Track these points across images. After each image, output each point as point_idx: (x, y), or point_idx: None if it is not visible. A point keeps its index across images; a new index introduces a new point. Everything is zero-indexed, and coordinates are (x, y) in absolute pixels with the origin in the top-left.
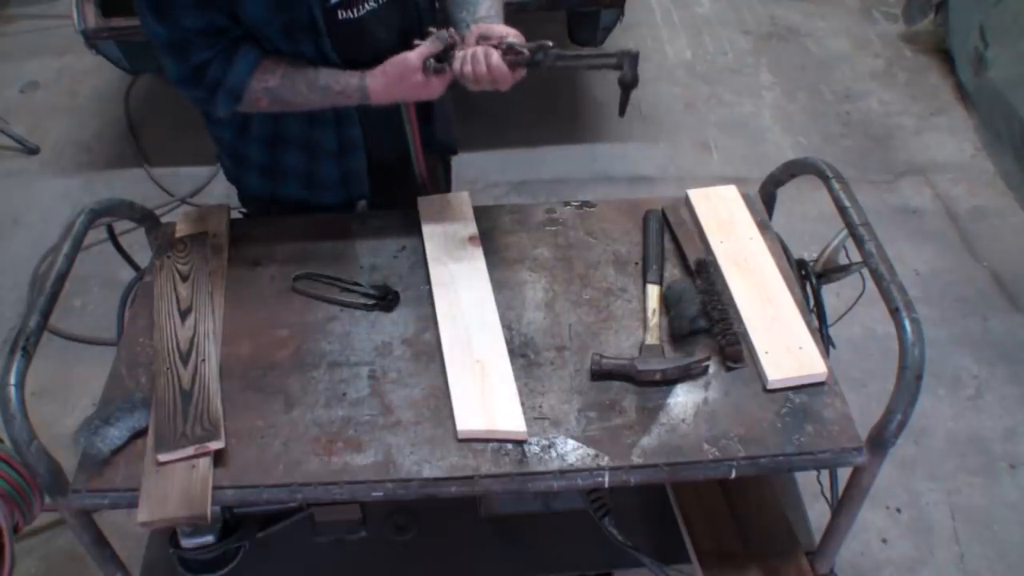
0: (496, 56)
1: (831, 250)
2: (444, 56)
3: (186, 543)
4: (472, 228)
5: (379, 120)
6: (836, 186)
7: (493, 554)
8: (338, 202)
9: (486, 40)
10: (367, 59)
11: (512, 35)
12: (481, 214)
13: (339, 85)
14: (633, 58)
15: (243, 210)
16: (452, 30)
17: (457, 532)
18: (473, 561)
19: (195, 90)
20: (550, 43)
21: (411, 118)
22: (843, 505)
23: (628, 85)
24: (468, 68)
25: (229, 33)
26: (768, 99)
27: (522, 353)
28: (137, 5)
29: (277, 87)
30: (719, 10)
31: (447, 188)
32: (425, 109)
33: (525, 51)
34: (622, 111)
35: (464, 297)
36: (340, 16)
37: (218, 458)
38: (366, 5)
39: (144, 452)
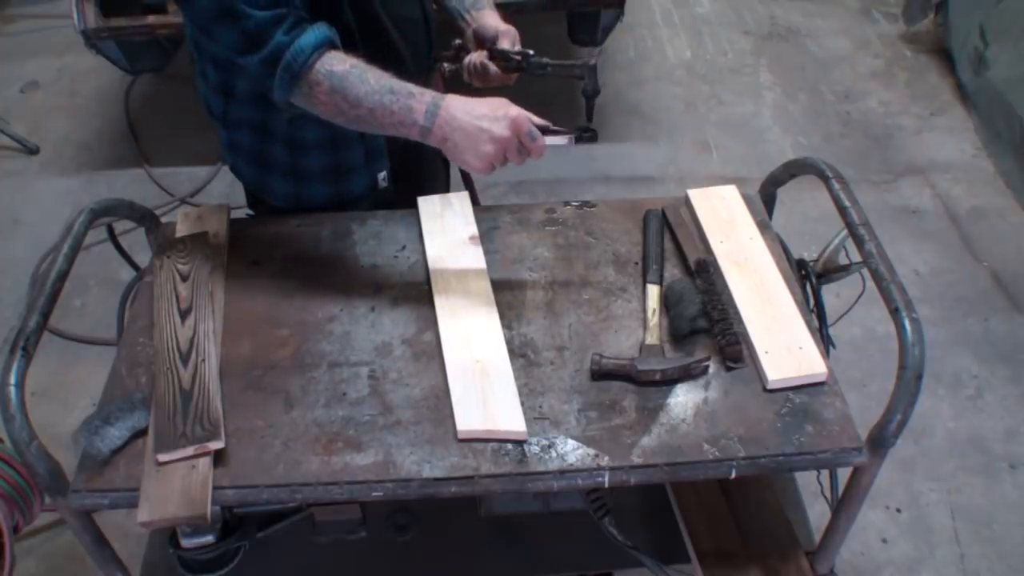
0: (492, 67)
1: (831, 250)
2: (456, 59)
3: (186, 543)
4: (472, 228)
5: None
6: (836, 186)
7: (493, 554)
8: (364, 187)
9: (480, 41)
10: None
11: (503, 31)
12: (481, 214)
13: (407, 90)
14: (592, 69)
15: (250, 212)
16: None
17: (457, 532)
18: (473, 561)
19: (252, 58)
20: (531, 52)
21: None
22: (843, 505)
23: (589, 95)
24: (475, 80)
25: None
26: (768, 99)
27: (522, 353)
28: None
29: (344, 73)
30: (719, 10)
31: (446, 188)
32: None
33: (514, 58)
34: (588, 118)
35: (464, 297)
36: None
37: (218, 458)
38: None
39: (144, 452)
